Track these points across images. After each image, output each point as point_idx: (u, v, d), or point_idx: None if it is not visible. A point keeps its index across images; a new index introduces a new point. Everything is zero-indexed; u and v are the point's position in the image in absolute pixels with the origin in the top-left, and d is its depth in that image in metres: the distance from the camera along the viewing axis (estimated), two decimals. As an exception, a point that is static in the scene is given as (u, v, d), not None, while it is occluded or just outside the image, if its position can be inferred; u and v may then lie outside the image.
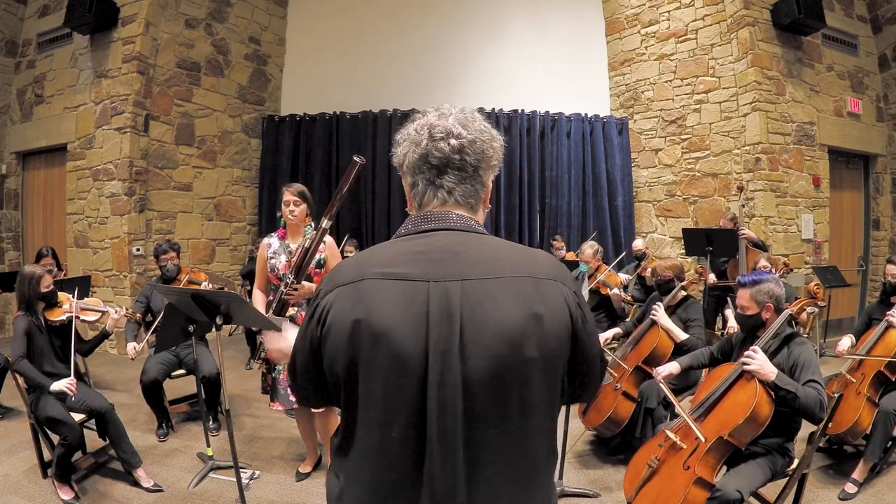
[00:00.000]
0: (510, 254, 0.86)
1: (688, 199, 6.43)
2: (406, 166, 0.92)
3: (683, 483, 2.01)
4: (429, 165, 0.89)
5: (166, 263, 3.68)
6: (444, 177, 0.90)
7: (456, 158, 0.89)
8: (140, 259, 5.62)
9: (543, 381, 0.82)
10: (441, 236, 0.87)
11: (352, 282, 0.84)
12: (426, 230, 0.88)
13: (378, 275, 0.83)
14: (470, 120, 0.90)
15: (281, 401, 2.65)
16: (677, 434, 2.17)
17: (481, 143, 0.90)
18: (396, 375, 0.79)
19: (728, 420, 2.05)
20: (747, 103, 5.75)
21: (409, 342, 0.79)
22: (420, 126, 0.91)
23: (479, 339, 0.79)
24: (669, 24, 6.46)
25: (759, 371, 2.04)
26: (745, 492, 1.98)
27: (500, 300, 0.80)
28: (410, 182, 0.93)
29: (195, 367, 3.16)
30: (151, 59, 5.70)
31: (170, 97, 5.98)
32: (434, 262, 0.83)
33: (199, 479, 2.81)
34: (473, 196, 0.92)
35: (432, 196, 0.91)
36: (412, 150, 0.91)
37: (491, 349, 0.79)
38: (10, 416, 3.72)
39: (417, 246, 0.86)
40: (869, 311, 3.40)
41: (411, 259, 0.84)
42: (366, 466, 0.83)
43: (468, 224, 0.89)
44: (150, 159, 5.79)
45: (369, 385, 0.81)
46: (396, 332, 0.79)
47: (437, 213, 0.90)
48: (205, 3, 6.27)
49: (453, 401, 0.78)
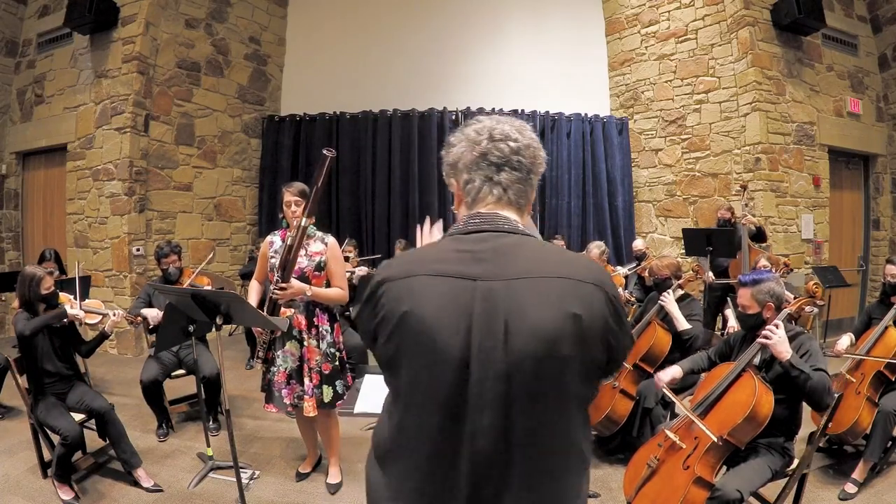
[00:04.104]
0: (552, 256, 0.92)
1: (688, 199, 6.43)
2: (462, 164, 0.98)
3: (683, 483, 2.01)
4: (488, 162, 0.96)
5: (168, 267, 3.66)
6: (502, 174, 0.96)
7: (514, 159, 0.95)
8: (140, 259, 5.62)
9: (578, 379, 0.87)
10: (489, 237, 0.92)
11: (403, 277, 0.91)
12: (475, 231, 0.93)
13: (428, 271, 0.89)
14: (522, 128, 0.98)
15: (276, 404, 2.61)
16: (677, 434, 2.17)
17: (534, 150, 0.98)
18: (440, 369, 0.85)
19: (728, 419, 2.05)
20: (747, 103, 5.75)
21: (454, 337, 0.84)
22: (479, 129, 0.97)
23: (520, 337, 0.83)
24: (669, 24, 6.46)
25: (776, 346, 2.05)
26: (745, 492, 1.98)
27: (540, 300, 0.85)
28: (465, 179, 0.98)
29: (195, 367, 3.16)
30: (151, 59, 5.70)
31: (170, 97, 5.98)
32: (481, 261, 0.88)
33: (199, 479, 2.81)
34: (524, 196, 0.98)
35: (488, 192, 0.96)
36: (470, 150, 0.97)
37: (530, 346, 0.83)
38: (10, 416, 3.72)
39: (466, 245, 0.91)
40: (868, 310, 3.40)
41: (460, 258, 0.90)
42: (409, 455, 0.90)
43: (514, 227, 0.94)
44: (150, 159, 5.79)
45: (413, 375, 0.88)
46: (441, 326, 0.85)
47: (486, 214, 0.95)
48: (205, 3, 6.27)
49: (494, 395, 0.83)
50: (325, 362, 2.59)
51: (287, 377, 2.58)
